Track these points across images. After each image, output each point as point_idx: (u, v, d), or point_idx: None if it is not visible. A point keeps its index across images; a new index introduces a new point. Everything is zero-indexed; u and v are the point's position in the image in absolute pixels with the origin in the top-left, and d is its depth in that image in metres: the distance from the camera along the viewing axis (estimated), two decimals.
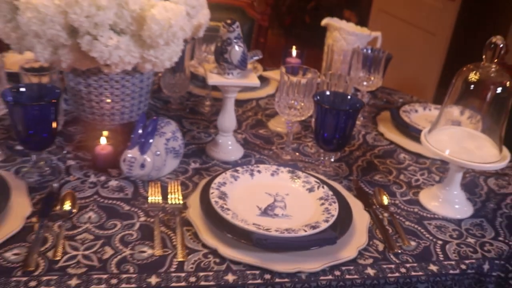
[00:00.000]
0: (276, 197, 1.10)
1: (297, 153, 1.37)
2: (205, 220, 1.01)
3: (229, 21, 1.16)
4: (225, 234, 0.95)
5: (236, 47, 1.17)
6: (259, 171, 1.16)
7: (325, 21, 1.77)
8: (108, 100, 1.22)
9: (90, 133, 1.28)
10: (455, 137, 1.19)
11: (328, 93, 1.26)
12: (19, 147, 1.25)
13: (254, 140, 1.42)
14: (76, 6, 0.99)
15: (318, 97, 1.21)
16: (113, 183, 1.15)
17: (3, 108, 1.18)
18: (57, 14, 1.02)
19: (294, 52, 1.47)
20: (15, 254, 0.91)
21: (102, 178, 1.16)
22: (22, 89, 1.11)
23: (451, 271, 1.00)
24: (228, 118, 1.27)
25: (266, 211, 1.05)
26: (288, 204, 1.08)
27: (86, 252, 0.93)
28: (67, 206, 1.03)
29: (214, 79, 1.19)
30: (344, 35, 1.72)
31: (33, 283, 0.85)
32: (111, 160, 1.18)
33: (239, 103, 1.64)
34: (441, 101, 1.25)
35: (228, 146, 1.30)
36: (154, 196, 1.09)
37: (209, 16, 1.34)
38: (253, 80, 1.22)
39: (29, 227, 0.98)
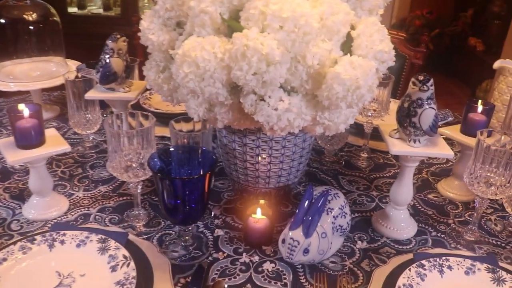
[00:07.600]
0: None
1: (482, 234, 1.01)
2: None
3: (421, 78, 0.84)
4: None
5: (429, 110, 0.85)
6: (449, 267, 0.83)
7: (498, 64, 1.38)
8: (265, 162, 0.95)
9: (240, 194, 1.02)
10: None
11: None
12: None
13: (426, 208, 1.08)
14: (243, 61, 0.72)
15: None
16: (268, 266, 0.87)
17: None
18: (218, 69, 0.76)
19: (480, 107, 1.07)
20: None
21: (255, 258, 0.89)
22: (171, 149, 0.87)
23: None
24: (405, 190, 0.94)
25: None
26: None
27: None
28: None
29: (398, 147, 0.88)
30: None
31: None
32: (266, 235, 0.91)
33: None
34: None
35: (401, 222, 0.97)
36: None
37: None
38: (445, 150, 0.89)
39: None
